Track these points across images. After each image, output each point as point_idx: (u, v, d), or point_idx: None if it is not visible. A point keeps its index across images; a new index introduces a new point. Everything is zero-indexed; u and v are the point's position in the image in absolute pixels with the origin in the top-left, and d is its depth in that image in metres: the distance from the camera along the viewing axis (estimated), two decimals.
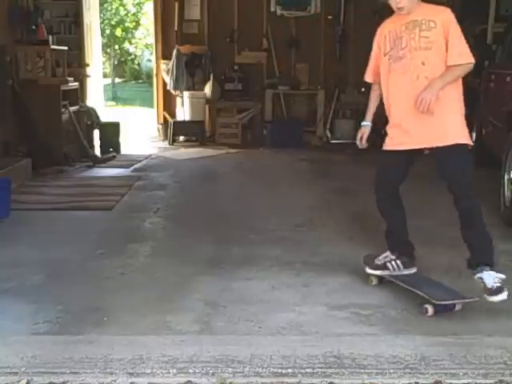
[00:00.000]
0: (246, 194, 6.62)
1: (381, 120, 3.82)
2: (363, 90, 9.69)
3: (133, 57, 29.14)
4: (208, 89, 10.17)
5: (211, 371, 2.77)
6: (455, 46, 3.42)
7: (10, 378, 2.71)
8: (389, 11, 3.65)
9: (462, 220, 3.51)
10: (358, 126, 3.88)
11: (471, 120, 7.81)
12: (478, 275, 3.45)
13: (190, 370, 2.78)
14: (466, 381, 2.71)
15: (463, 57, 3.44)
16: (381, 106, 3.78)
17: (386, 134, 3.70)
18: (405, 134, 3.56)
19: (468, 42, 3.50)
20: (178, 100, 10.49)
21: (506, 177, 5.22)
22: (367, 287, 3.84)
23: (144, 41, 26.89)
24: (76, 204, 5.96)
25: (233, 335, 3.16)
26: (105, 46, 23.30)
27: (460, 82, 3.54)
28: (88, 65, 10.29)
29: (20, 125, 7.68)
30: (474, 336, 3.10)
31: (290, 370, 2.77)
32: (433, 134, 3.48)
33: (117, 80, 27.70)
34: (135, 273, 4.12)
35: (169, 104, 10.79)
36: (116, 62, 28.49)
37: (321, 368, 2.79)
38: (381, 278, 3.85)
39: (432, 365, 2.82)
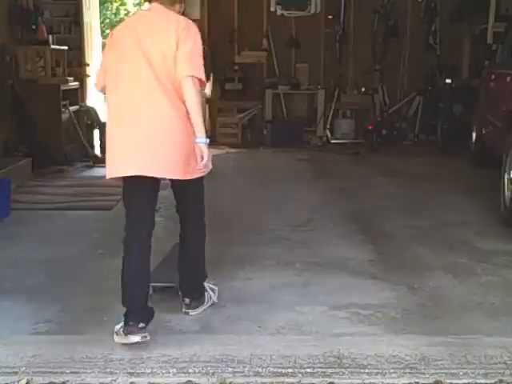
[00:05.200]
0: (246, 193, 6.61)
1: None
2: (363, 89, 9.73)
3: None
4: (208, 89, 10.14)
5: (211, 371, 2.77)
6: None
7: (9, 378, 2.71)
8: None
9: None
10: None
11: (471, 120, 7.88)
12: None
13: (190, 370, 2.78)
14: (465, 381, 2.71)
15: None
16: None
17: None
18: None
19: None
20: None
21: (506, 177, 5.22)
22: (367, 287, 3.84)
23: None
24: (76, 204, 5.96)
25: (233, 335, 3.15)
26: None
27: None
28: (88, 64, 10.26)
29: (20, 125, 7.68)
30: (474, 336, 3.10)
31: (289, 370, 2.77)
32: None
33: None
34: None
35: None
36: None
37: (321, 368, 2.79)
38: None
39: (432, 365, 2.82)
